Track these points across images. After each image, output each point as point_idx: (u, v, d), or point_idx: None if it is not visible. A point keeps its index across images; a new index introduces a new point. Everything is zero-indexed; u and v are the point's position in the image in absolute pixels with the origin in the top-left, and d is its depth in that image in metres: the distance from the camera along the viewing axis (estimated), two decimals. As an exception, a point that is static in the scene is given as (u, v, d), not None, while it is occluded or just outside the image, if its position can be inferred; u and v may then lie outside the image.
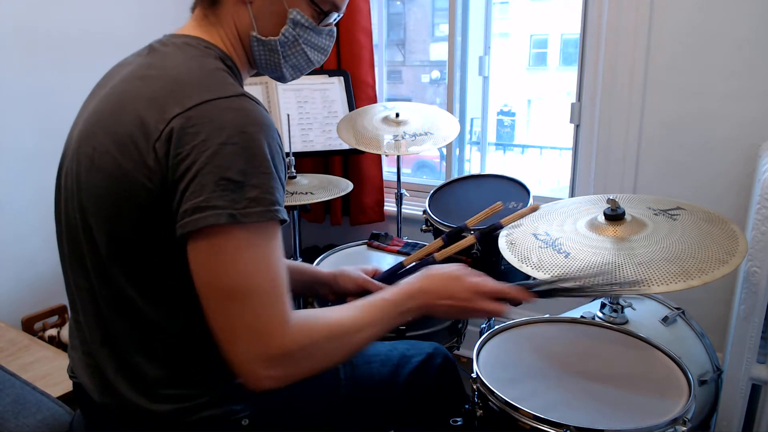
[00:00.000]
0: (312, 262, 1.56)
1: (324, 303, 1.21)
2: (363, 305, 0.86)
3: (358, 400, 1.00)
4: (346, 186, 1.91)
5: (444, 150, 2.45)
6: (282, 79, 0.97)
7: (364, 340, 0.84)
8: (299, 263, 1.23)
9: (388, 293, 0.89)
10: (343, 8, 0.93)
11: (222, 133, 0.71)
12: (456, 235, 1.11)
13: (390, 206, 2.47)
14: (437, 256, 1.04)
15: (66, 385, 1.37)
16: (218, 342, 0.73)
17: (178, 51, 0.83)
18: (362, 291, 1.12)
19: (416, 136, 1.81)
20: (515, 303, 0.95)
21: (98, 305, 0.82)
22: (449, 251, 1.05)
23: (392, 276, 1.11)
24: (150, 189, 0.73)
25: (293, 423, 0.94)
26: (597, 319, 1.26)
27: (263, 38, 0.88)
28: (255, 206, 0.71)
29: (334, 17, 0.93)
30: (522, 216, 1.03)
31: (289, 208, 1.94)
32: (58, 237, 0.92)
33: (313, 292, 1.23)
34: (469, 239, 1.04)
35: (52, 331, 1.81)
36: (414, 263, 1.08)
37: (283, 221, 0.75)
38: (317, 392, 0.97)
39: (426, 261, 1.06)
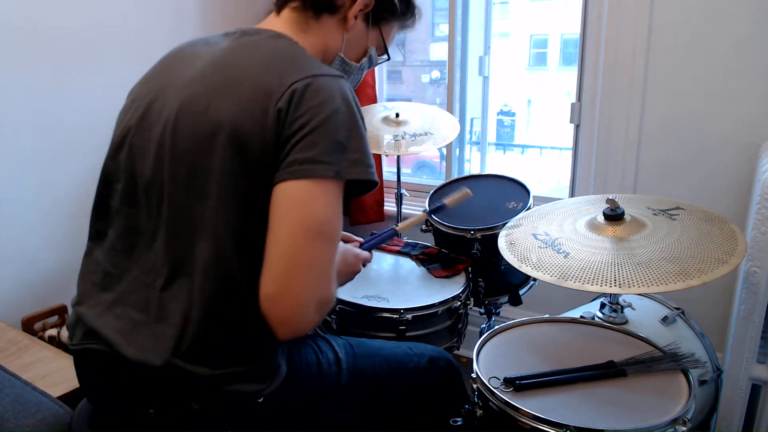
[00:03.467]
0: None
1: None
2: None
3: (358, 390, 1.01)
4: (346, 186, 1.91)
5: (444, 150, 2.45)
6: None
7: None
8: None
9: None
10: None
11: (333, 101, 0.82)
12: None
13: (390, 206, 2.47)
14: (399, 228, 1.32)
15: (66, 386, 1.37)
16: (285, 279, 0.77)
17: (273, 39, 0.92)
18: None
19: (416, 136, 1.81)
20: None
21: (190, 267, 0.84)
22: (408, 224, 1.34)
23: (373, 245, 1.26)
24: (265, 143, 0.80)
25: (298, 407, 0.95)
26: (597, 319, 1.26)
27: (347, 60, 1.03)
28: (356, 167, 0.82)
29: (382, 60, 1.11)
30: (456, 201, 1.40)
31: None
32: (126, 201, 0.92)
33: None
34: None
35: (52, 331, 1.81)
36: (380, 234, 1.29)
37: (375, 182, 0.86)
38: (320, 380, 0.99)
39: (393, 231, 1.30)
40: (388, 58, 1.11)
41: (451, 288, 1.42)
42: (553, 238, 1.19)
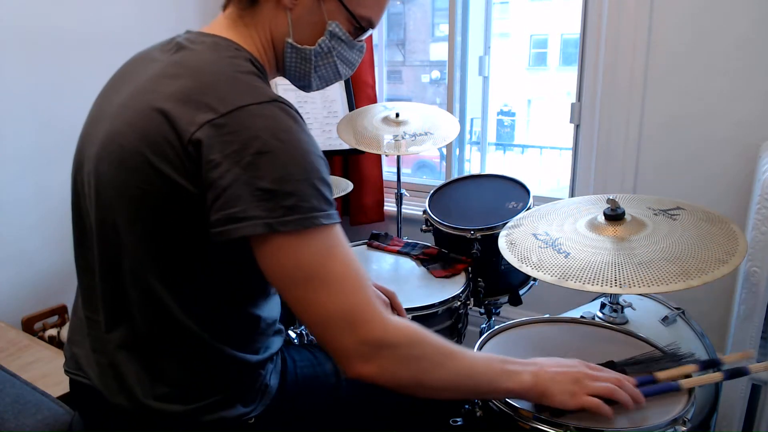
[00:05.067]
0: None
1: None
2: (478, 364, 0.82)
3: (359, 400, 1.00)
4: (346, 186, 1.92)
5: (444, 150, 2.45)
6: (307, 88, 0.96)
7: (470, 376, 0.80)
8: None
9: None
10: (377, 24, 0.93)
11: (255, 142, 0.70)
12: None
13: (390, 206, 2.47)
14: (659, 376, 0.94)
15: (66, 386, 1.36)
16: (318, 338, 0.75)
17: (209, 51, 0.82)
18: None
19: (416, 136, 1.81)
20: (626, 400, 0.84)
21: (126, 308, 0.81)
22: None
23: None
24: (186, 188, 0.73)
25: (295, 422, 0.94)
26: (597, 319, 1.26)
27: (299, 46, 0.88)
28: (292, 214, 0.70)
29: (368, 33, 0.93)
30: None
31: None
32: (78, 240, 0.89)
33: None
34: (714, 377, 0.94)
35: (52, 331, 1.81)
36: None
37: (331, 224, 0.74)
38: (318, 393, 0.98)
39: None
40: (371, 28, 0.92)
41: (451, 288, 1.42)
42: (554, 238, 1.19)
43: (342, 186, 1.92)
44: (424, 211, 1.67)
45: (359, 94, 2.30)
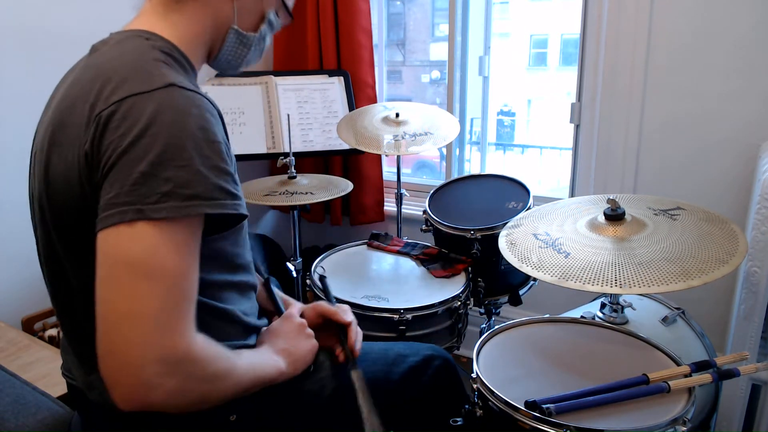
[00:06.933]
0: (312, 262, 1.57)
1: None
2: (253, 359, 0.84)
3: (345, 395, 0.99)
4: (346, 186, 1.91)
5: (444, 150, 2.45)
6: (227, 72, 0.99)
7: (245, 389, 0.80)
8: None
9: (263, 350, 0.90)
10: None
11: (137, 126, 0.68)
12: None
13: (390, 206, 2.47)
14: None
15: (66, 386, 1.37)
16: (106, 337, 0.66)
17: (117, 46, 0.81)
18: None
19: (416, 136, 1.81)
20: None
21: (70, 310, 0.83)
22: None
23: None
24: (83, 188, 0.72)
25: (279, 420, 0.94)
26: (597, 319, 1.26)
27: (243, 32, 0.91)
28: (166, 201, 0.67)
29: (288, 20, 1.00)
30: None
31: (290, 208, 1.94)
32: (37, 246, 0.91)
33: None
34: None
35: (52, 331, 1.81)
36: None
37: (213, 214, 0.71)
38: (302, 385, 0.97)
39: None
40: (293, 20, 0.99)
41: (451, 288, 1.42)
42: (554, 238, 1.19)
43: (342, 186, 1.91)
44: (424, 211, 1.67)
45: (359, 94, 2.30)
